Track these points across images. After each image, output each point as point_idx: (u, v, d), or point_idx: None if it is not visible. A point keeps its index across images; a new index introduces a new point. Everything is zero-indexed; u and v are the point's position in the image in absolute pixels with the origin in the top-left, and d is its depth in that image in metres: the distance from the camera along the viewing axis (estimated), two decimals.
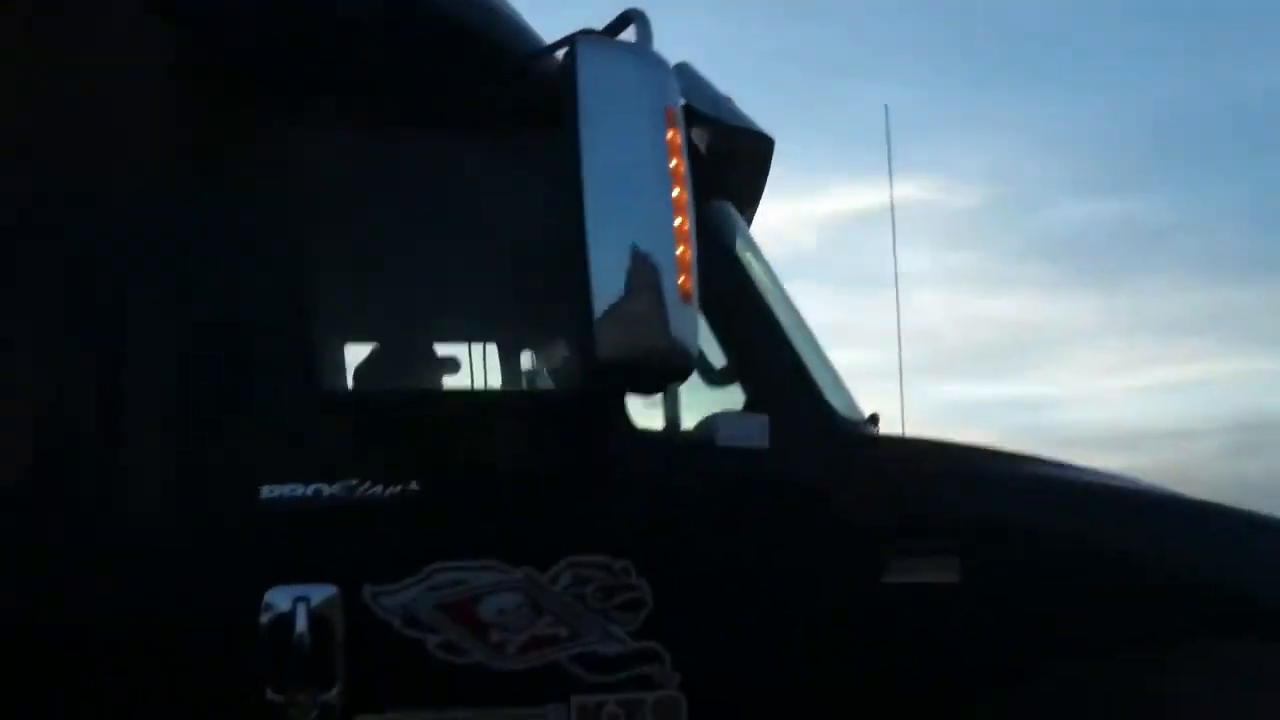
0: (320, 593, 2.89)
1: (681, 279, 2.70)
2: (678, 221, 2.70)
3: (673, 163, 2.70)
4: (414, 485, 2.98)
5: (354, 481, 2.96)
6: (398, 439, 3.04)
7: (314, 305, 3.04)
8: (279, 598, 2.88)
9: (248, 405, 2.96)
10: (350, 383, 3.65)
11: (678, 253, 2.68)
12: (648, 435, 3.21)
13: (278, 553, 2.92)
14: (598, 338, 2.68)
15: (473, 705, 2.96)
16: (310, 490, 2.94)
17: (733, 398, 3.27)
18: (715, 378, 3.36)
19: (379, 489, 2.96)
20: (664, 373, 2.80)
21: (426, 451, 3.03)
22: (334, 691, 2.86)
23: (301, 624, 2.85)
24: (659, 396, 3.34)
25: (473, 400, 3.32)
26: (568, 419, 3.13)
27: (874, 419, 3.71)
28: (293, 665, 2.85)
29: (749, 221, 3.91)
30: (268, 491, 2.92)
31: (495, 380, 3.66)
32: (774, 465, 3.19)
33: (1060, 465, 3.62)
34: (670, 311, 2.68)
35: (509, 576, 3.00)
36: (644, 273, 2.66)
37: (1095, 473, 3.64)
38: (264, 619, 2.87)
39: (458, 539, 2.99)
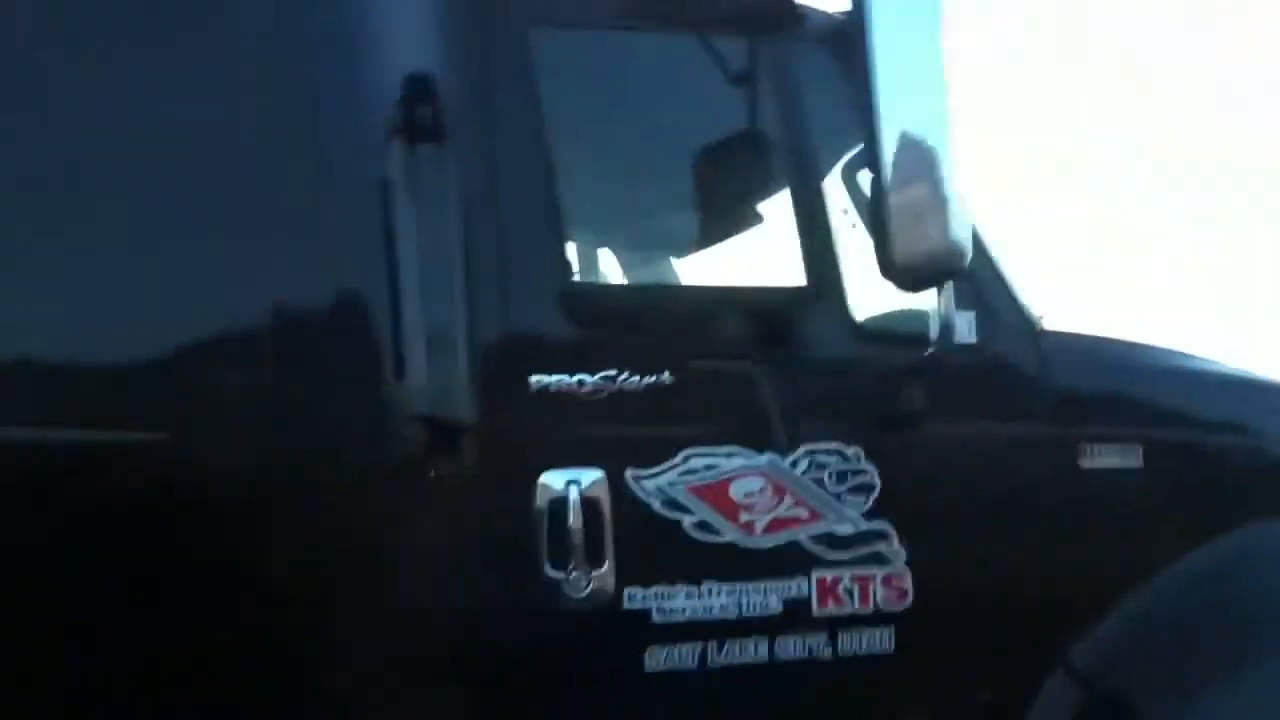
0: (589, 476, 3.09)
1: (957, 179, 2.90)
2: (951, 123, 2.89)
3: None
4: (666, 377, 3.17)
5: (613, 372, 3.14)
6: (653, 331, 3.22)
7: (579, 206, 3.20)
8: (553, 480, 3.07)
9: (521, 299, 3.12)
10: (609, 279, 3.81)
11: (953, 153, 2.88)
12: (870, 330, 3.43)
13: (550, 439, 3.10)
14: (889, 235, 2.88)
15: (725, 579, 3.18)
16: (575, 380, 3.12)
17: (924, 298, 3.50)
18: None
19: (636, 379, 3.15)
20: (943, 271, 3.00)
21: (677, 343, 3.22)
22: (605, 568, 3.08)
23: (574, 505, 3.06)
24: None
25: (720, 296, 3.48)
26: (804, 315, 3.34)
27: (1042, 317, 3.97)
28: (567, 543, 3.05)
29: None
30: (536, 381, 3.10)
31: (739, 277, 3.83)
32: (982, 358, 3.44)
33: (1213, 361, 3.92)
34: (952, 211, 2.89)
35: (754, 462, 3.22)
36: (929, 172, 2.86)
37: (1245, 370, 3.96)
38: (539, 502, 3.06)
39: (708, 427, 3.20)
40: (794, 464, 3.24)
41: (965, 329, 3.43)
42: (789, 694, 3.23)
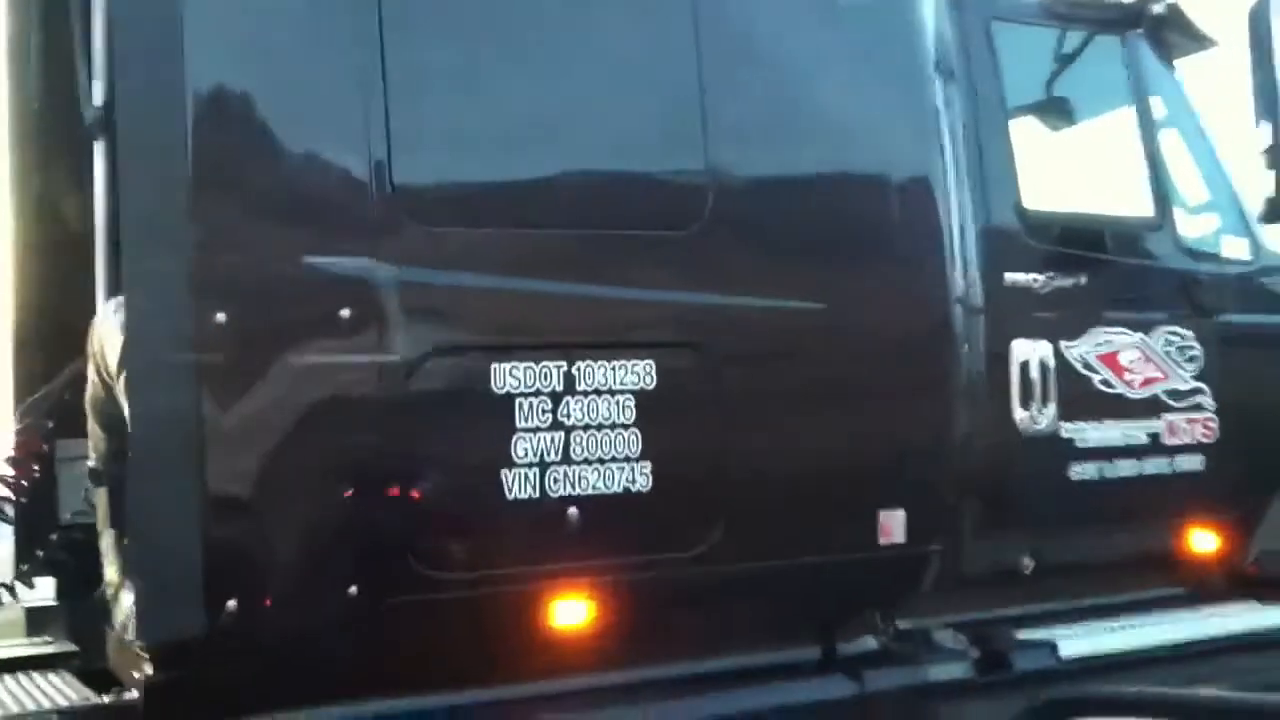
0: (1041, 345, 4.46)
1: None
2: None
3: None
4: (1084, 279, 4.55)
5: (1053, 274, 4.50)
6: (1076, 245, 4.58)
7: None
8: (1020, 347, 4.42)
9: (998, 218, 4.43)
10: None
11: None
12: (1195, 249, 4.87)
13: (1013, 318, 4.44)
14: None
15: (1115, 417, 4.61)
16: (1030, 277, 4.46)
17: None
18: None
19: (1067, 280, 4.52)
20: None
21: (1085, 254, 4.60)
22: (1050, 408, 4.46)
23: (1035, 365, 4.42)
24: None
25: (1108, 222, 4.84)
26: (1154, 238, 4.77)
27: None
28: (1030, 391, 4.41)
29: None
30: (1008, 278, 4.44)
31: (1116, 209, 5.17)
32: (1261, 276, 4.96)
33: None
34: None
35: (1132, 339, 4.65)
36: None
37: None
38: (1012, 362, 4.40)
39: (1107, 313, 4.60)
40: (1155, 341, 4.69)
41: (1250, 253, 4.94)
42: (1147, 497, 4.69)
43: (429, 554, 3.44)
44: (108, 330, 3.67)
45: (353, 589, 3.35)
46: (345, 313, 3.34)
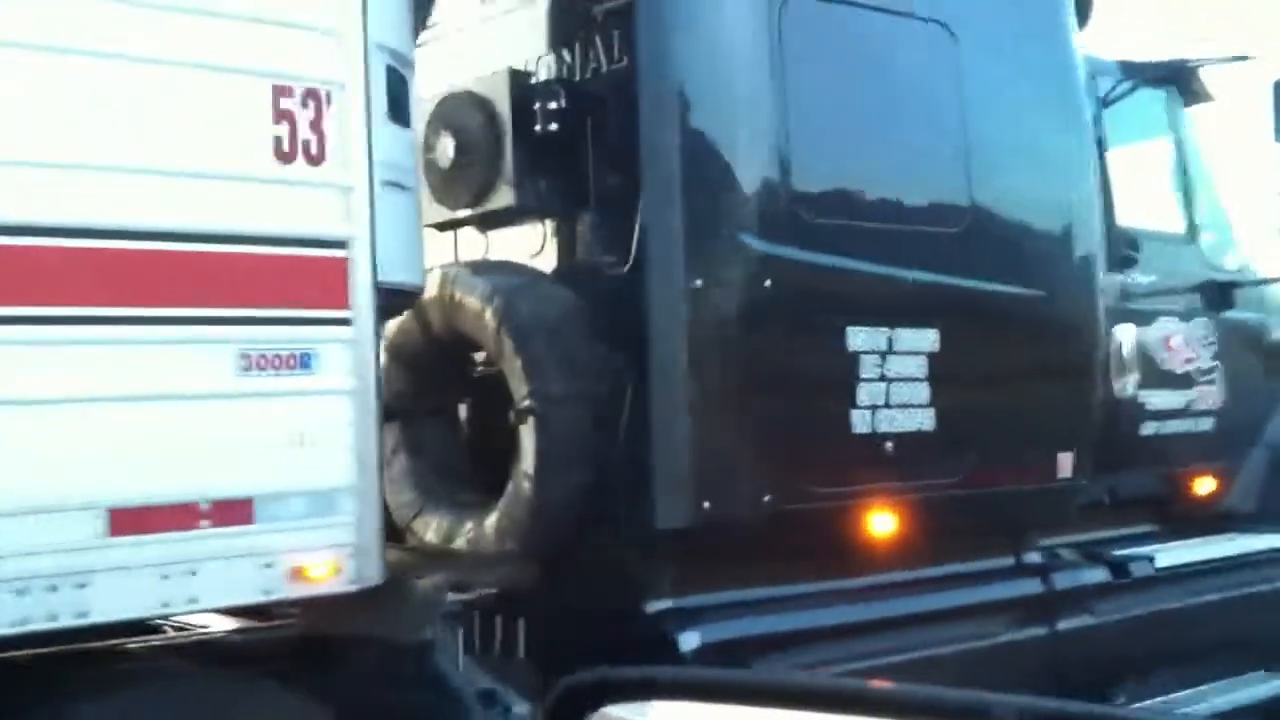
0: (1127, 330, 5.77)
1: None
2: None
3: None
4: (1152, 277, 5.91)
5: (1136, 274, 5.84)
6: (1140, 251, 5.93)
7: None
8: (1118, 333, 5.72)
9: None
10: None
11: None
12: (1211, 260, 6.31)
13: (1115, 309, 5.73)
14: None
15: (1171, 387, 5.98)
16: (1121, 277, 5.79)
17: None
18: None
19: (1142, 280, 5.87)
20: None
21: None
22: (1132, 379, 5.78)
23: (1125, 346, 5.74)
24: None
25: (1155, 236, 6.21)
26: (1184, 251, 6.19)
27: None
28: (1122, 366, 5.73)
29: None
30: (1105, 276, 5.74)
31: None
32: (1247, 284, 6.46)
33: None
34: None
35: (1179, 327, 6.04)
36: None
37: None
38: (1112, 343, 5.70)
39: (1164, 306, 5.98)
40: (1192, 330, 6.11)
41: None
42: (1182, 449, 6.10)
43: (811, 474, 4.44)
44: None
45: (767, 498, 4.31)
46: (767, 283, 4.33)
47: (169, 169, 3.07)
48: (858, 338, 4.53)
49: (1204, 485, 6.37)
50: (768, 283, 4.31)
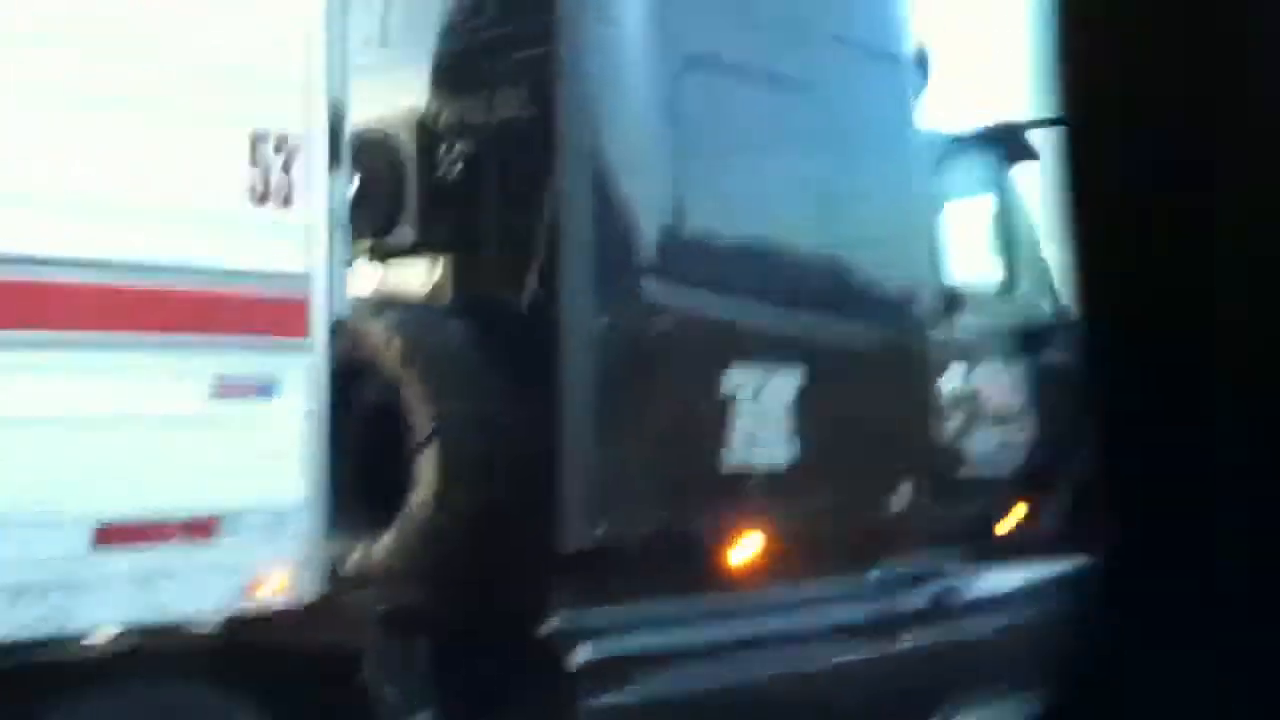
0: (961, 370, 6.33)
1: None
2: None
3: None
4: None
5: None
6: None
7: None
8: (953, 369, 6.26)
9: None
10: None
11: None
12: (1027, 309, 6.92)
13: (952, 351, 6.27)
14: None
15: (993, 423, 6.56)
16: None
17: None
18: None
19: None
20: None
21: None
22: (959, 415, 6.34)
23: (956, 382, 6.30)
24: None
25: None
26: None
27: None
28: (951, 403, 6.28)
29: None
30: None
31: None
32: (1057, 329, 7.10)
33: None
34: None
35: (1001, 368, 6.63)
36: None
37: None
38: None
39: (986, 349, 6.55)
40: (1012, 370, 6.71)
41: None
42: (1005, 483, 6.69)
43: (694, 501, 4.84)
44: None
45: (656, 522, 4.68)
46: None
47: (159, 209, 3.28)
48: (737, 376, 4.93)
49: (1019, 515, 6.99)
50: (661, 323, 4.68)
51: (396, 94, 5.04)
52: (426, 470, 4.64)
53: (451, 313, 4.91)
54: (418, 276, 5.08)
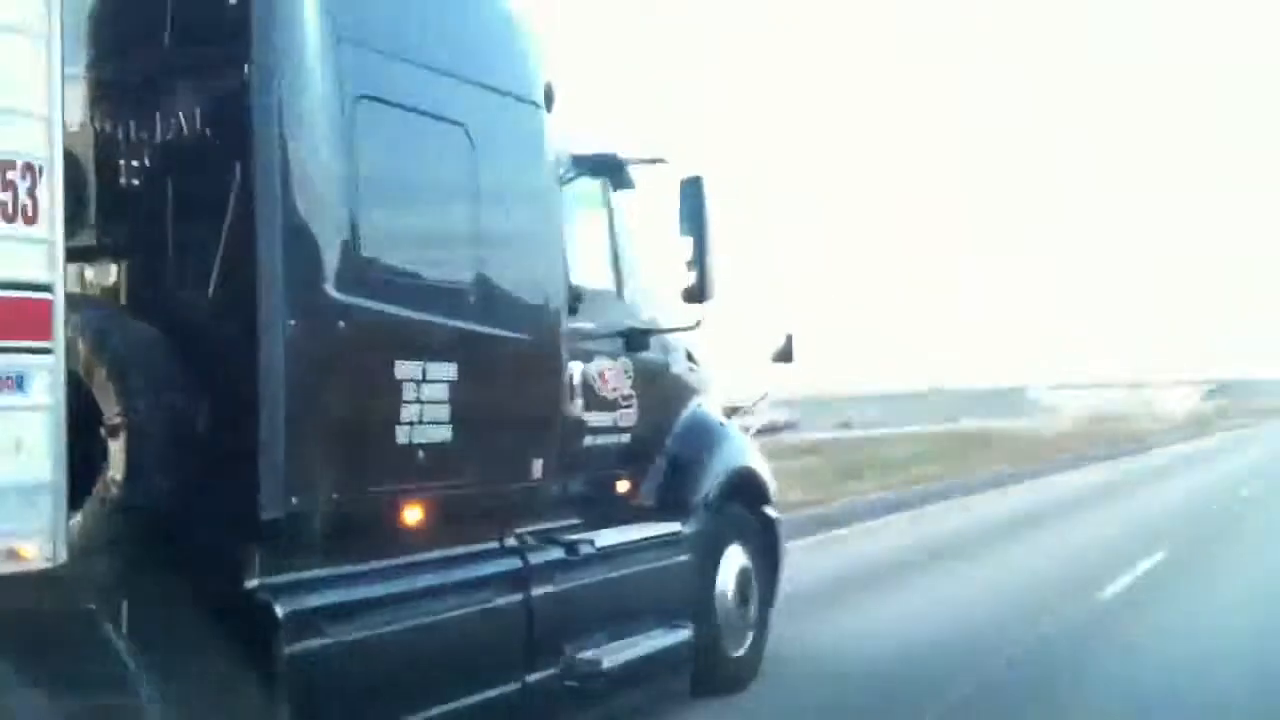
0: (578, 366, 7.39)
1: None
2: None
3: None
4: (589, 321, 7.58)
5: None
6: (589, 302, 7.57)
7: None
8: (571, 367, 7.32)
9: None
10: None
11: None
12: (631, 312, 8.07)
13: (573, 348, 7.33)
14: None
15: (604, 409, 7.67)
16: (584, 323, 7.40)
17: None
18: None
19: None
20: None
21: None
22: (579, 401, 7.41)
23: (577, 375, 7.35)
24: None
25: None
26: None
27: None
28: (574, 392, 7.34)
29: None
30: None
31: None
32: (652, 331, 8.32)
33: None
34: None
35: (613, 363, 7.75)
36: None
37: None
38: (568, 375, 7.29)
39: (602, 346, 7.65)
40: (620, 365, 7.84)
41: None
42: (614, 459, 7.82)
43: (368, 476, 5.66)
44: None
45: (335, 494, 5.47)
46: None
47: None
48: (403, 369, 5.79)
49: (624, 485, 8.16)
50: (341, 323, 5.48)
51: (78, 107, 5.55)
52: (115, 456, 5.21)
53: (134, 312, 5.48)
54: (105, 278, 5.63)
